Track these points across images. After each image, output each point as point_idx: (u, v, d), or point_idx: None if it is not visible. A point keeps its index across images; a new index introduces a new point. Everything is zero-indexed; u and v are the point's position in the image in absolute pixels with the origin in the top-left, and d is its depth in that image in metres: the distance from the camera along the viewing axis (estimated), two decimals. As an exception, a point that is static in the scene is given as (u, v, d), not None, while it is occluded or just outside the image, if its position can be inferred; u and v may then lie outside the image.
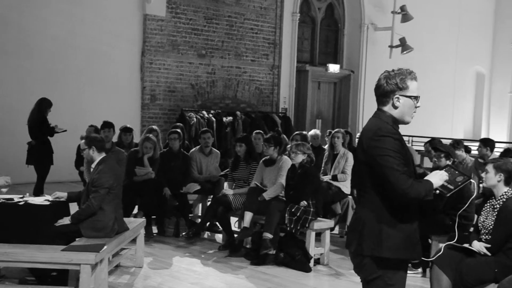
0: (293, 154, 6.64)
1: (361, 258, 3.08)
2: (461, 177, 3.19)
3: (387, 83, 3.12)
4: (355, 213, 3.28)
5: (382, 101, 3.18)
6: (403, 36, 16.03)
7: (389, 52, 16.27)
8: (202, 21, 13.72)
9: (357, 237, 3.07)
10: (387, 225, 3.02)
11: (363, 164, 3.08)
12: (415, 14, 15.94)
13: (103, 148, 5.64)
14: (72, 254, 4.75)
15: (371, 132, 3.06)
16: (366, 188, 3.09)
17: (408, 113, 3.13)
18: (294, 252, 6.42)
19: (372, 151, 3.01)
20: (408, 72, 3.12)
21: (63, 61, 11.84)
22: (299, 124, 15.28)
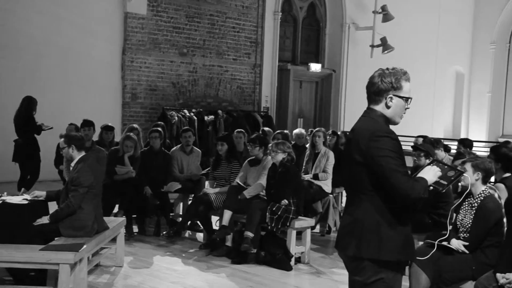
0: (273, 153, 6.65)
1: (360, 262, 3.00)
2: (453, 172, 3.16)
3: (382, 82, 3.05)
4: (348, 215, 3.12)
5: (374, 100, 3.11)
6: (384, 35, 16.13)
7: (370, 51, 16.37)
8: (183, 20, 13.67)
9: (355, 241, 3.00)
10: (387, 227, 2.96)
11: (360, 165, 2.99)
12: (396, 14, 16.05)
13: (82, 147, 5.59)
14: (50, 253, 4.70)
15: (368, 133, 2.98)
16: (363, 190, 3.02)
17: (399, 114, 3.10)
18: (275, 250, 6.44)
19: (371, 152, 2.94)
20: (402, 72, 3.08)
21: (43, 60, 11.71)
22: (280, 123, 15.30)
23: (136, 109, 13.07)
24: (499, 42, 19.56)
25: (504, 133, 19.67)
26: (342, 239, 3.13)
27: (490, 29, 19.45)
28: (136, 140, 8.00)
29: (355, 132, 3.08)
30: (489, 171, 4.73)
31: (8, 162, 9.58)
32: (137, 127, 8.84)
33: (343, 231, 3.14)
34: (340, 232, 3.19)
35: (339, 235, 3.18)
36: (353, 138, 3.08)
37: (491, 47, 19.56)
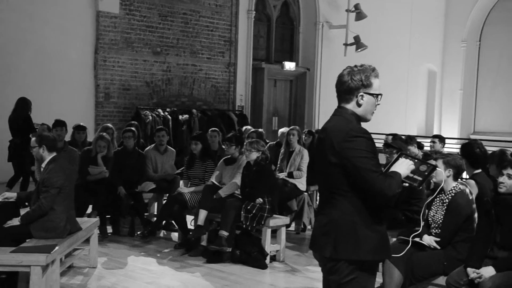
0: (248, 152, 6.66)
1: (336, 262, 2.99)
2: (425, 166, 3.15)
3: (352, 80, 3.03)
4: (323, 215, 3.07)
5: (345, 98, 3.08)
6: (357, 34, 16.23)
7: (344, 50, 16.46)
8: (156, 18, 13.58)
9: (332, 242, 2.97)
10: (363, 227, 2.95)
11: (335, 166, 2.96)
12: (368, 13, 16.16)
13: (54, 148, 5.52)
14: (22, 255, 4.64)
15: (342, 133, 2.95)
16: (338, 190, 2.99)
17: (370, 111, 3.07)
18: (250, 249, 6.44)
19: (346, 152, 2.91)
20: (371, 69, 3.06)
21: (14, 59, 11.52)
22: (255, 121, 15.31)
23: (110, 108, 12.95)
24: (470, 40, 19.85)
25: (476, 130, 19.98)
26: (317, 240, 3.09)
27: (461, 27, 19.72)
28: (109, 140, 7.94)
29: (328, 132, 3.04)
30: (460, 168, 4.80)
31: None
32: (111, 126, 8.77)
33: (319, 231, 3.09)
34: (315, 232, 3.13)
35: (314, 235, 3.13)
36: (325, 138, 3.03)
37: (462, 45, 19.84)
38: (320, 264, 3.17)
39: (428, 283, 4.64)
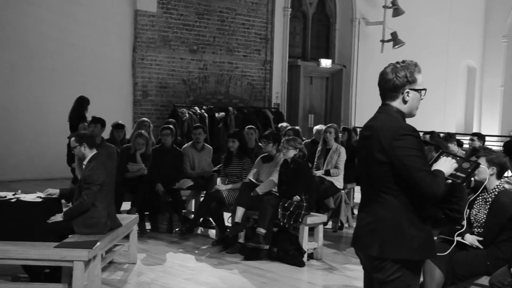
0: (285, 149, 6.64)
1: (382, 261, 2.96)
2: (468, 163, 3.12)
3: (397, 77, 2.99)
4: (367, 213, 3.04)
5: (390, 96, 3.04)
6: (395, 30, 16.05)
7: (380, 46, 16.29)
8: (193, 17, 13.68)
9: (379, 240, 2.95)
10: (410, 226, 2.92)
11: (383, 164, 2.93)
12: (406, 8, 15.97)
13: (94, 145, 5.62)
14: (65, 251, 4.73)
15: (391, 131, 2.92)
16: (384, 188, 2.95)
17: (415, 106, 3.06)
18: (287, 247, 6.43)
19: (395, 151, 2.88)
20: (414, 65, 3.03)
21: (55, 59, 11.78)
22: (291, 119, 15.28)
23: (147, 106, 13.11)
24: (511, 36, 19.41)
25: (517, 127, 19.54)
26: (362, 239, 3.06)
27: (502, 22, 19.30)
28: (148, 138, 8.03)
29: (375, 130, 3.00)
30: (503, 166, 4.70)
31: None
32: (147, 119, 8.88)
33: (363, 230, 3.06)
34: (360, 231, 3.09)
35: (358, 234, 3.10)
36: (372, 136, 3.00)
37: (503, 40, 19.42)
38: (363, 262, 3.16)
39: (470, 283, 4.57)
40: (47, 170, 11.18)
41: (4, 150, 11.04)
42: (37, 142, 11.50)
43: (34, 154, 11.43)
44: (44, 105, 11.69)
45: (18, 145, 11.28)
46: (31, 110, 11.54)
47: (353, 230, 3.24)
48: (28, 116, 11.49)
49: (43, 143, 11.49)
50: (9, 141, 11.18)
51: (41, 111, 11.65)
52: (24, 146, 11.37)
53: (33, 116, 11.55)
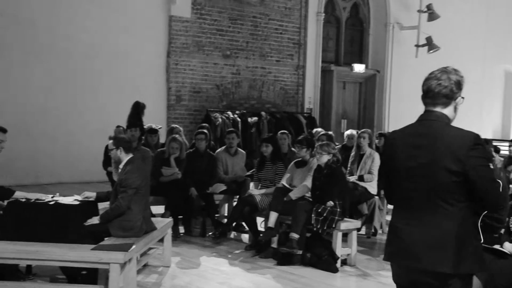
0: (318, 154, 6.62)
1: (450, 278, 2.79)
2: None
3: (454, 83, 2.88)
4: (427, 227, 2.83)
5: (443, 102, 2.89)
6: (430, 35, 15.87)
7: (415, 51, 16.13)
8: (226, 22, 13.76)
9: (452, 256, 2.77)
10: (473, 239, 2.83)
11: (455, 173, 2.78)
12: (441, 13, 15.77)
13: (130, 149, 5.70)
14: (101, 253, 4.80)
15: (465, 140, 2.79)
16: (450, 200, 2.80)
17: (456, 115, 2.97)
18: (320, 252, 6.41)
19: (471, 161, 2.76)
20: (458, 70, 2.93)
21: (91, 64, 11.99)
22: (324, 124, 15.22)
23: (181, 111, 13.23)
24: (550, 40, 18.99)
25: (557, 133, 19.09)
26: (427, 254, 2.82)
27: (540, 26, 18.89)
28: (182, 142, 8.10)
29: (438, 138, 2.84)
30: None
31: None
32: (177, 126, 8.97)
33: (426, 244, 2.83)
34: (420, 246, 2.84)
35: (419, 249, 2.84)
36: (435, 144, 2.83)
37: (542, 44, 19.00)
38: (418, 279, 2.90)
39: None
40: (83, 174, 11.37)
41: (42, 154, 11.27)
42: (73, 146, 11.71)
43: (70, 157, 11.64)
44: (80, 109, 11.90)
45: (55, 149, 11.51)
46: (68, 114, 11.76)
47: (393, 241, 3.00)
48: (65, 120, 11.71)
49: (79, 146, 11.69)
50: (46, 145, 11.41)
51: (77, 115, 11.86)
52: (61, 150, 11.59)
53: (69, 120, 11.77)
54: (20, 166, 10.68)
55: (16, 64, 11.21)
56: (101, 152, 9.15)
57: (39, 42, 11.43)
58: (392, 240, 3.00)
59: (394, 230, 2.99)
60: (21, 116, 10.98)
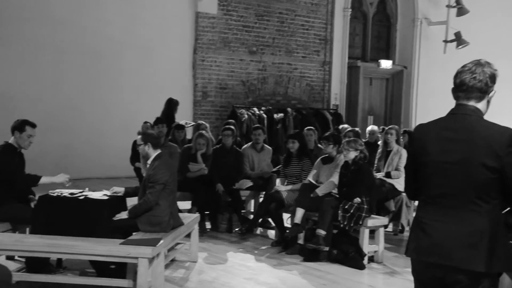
0: (345, 151, 6.59)
1: (482, 276, 2.73)
2: None
3: (489, 77, 2.81)
4: (457, 225, 2.76)
5: (477, 97, 2.81)
6: (459, 30, 15.65)
7: (443, 47, 15.93)
8: (253, 18, 13.77)
9: (485, 255, 2.71)
10: (504, 237, 2.78)
11: (492, 170, 2.70)
12: (471, 7, 15.54)
13: (158, 145, 5.74)
14: (130, 247, 4.85)
15: (505, 136, 2.71)
16: (485, 197, 2.73)
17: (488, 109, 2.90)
18: (347, 249, 6.39)
19: (510, 157, 2.68)
20: (492, 63, 2.86)
21: (117, 59, 12.11)
22: (350, 120, 15.15)
23: (207, 107, 13.29)
24: None
25: None
26: (459, 251, 2.75)
27: None
28: (209, 138, 8.13)
29: (475, 133, 2.76)
30: None
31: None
32: (203, 122, 9.02)
33: (458, 242, 2.75)
34: (452, 243, 2.77)
35: (451, 246, 2.77)
36: (471, 140, 2.76)
37: None
38: (447, 277, 2.81)
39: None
40: (110, 169, 11.50)
41: (70, 149, 11.44)
42: (101, 142, 11.85)
43: (98, 153, 11.78)
44: (107, 105, 12.04)
45: (83, 145, 11.66)
46: (96, 110, 11.90)
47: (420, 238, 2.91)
48: (93, 116, 11.86)
49: (106, 142, 11.83)
50: (75, 141, 11.57)
51: (105, 111, 12.00)
52: (88, 146, 11.74)
53: (97, 116, 11.91)
54: (49, 161, 10.83)
55: (47, 62, 11.38)
56: (127, 148, 9.24)
57: (69, 40, 11.58)
58: (418, 236, 2.91)
59: (420, 226, 2.90)
60: (51, 112, 11.14)
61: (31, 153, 6.19)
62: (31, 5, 11.15)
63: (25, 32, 11.14)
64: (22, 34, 11.11)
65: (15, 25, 11.04)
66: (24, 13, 11.09)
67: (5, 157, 5.60)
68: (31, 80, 11.25)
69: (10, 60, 11.03)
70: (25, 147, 5.78)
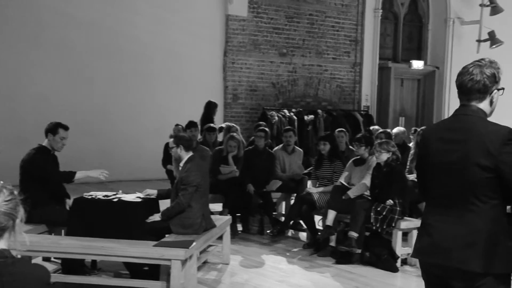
0: (378, 152, 6.53)
1: (482, 277, 2.71)
2: None
3: (487, 77, 2.80)
4: (457, 225, 2.76)
5: (477, 97, 2.81)
6: (492, 29, 15.39)
7: (476, 46, 15.68)
8: (283, 20, 13.77)
9: (481, 254, 2.70)
10: (506, 238, 2.73)
11: (487, 170, 2.71)
12: (505, 6, 15.26)
13: (190, 147, 5.78)
14: (163, 249, 4.88)
15: (499, 135, 2.70)
16: (480, 196, 2.73)
17: (495, 107, 2.88)
18: (380, 251, 6.33)
19: (504, 157, 2.68)
20: (496, 62, 2.85)
21: (148, 63, 12.23)
22: (381, 122, 15.02)
23: (237, 109, 13.33)
24: None
25: None
26: (456, 251, 2.75)
27: None
28: (240, 140, 8.15)
29: (472, 133, 2.78)
30: None
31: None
32: (234, 125, 9.05)
33: (456, 242, 2.76)
34: (450, 243, 2.77)
35: (449, 246, 2.77)
36: (469, 140, 2.76)
37: None
38: (451, 277, 2.80)
39: None
40: (141, 172, 11.62)
41: (102, 152, 11.58)
42: (132, 144, 11.98)
43: (129, 155, 11.91)
44: (138, 108, 12.17)
45: (115, 147, 11.81)
46: (127, 113, 12.04)
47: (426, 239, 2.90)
48: (124, 119, 12.00)
49: (137, 145, 11.96)
50: (106, 143, 11.72)
51: (136, 114, 12.13)
52: (121, 148, 11.88)
53: (129, 119, 12.05)
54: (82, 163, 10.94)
55: (80, 64, 11.56)
56: (158, 150, 9.33)
57: (101, 43, 11.75)
58: (421, 237, 2.95)
59: (424, 226, 2.93)
60: (83, 115, 11.31)
61: (65, 156, 6.28)
62: (66, 10, 11.34)
63: (60, 36, 11.34)
64: (57, 38, 11.33)
65: (51, 30, 11.25)
66: (59, 18, 11.29)
67: (39, 158, 5.70)
68: (65, 83, 11.45)
69: (46, 63, 11.25)
70: (58, 149, 5.87)
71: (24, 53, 11.04)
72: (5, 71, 10.92)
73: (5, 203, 2.02)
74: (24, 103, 11.05)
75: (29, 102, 11.07)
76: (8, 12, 10.93)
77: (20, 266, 2.07)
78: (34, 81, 11.14)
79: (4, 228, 2.01)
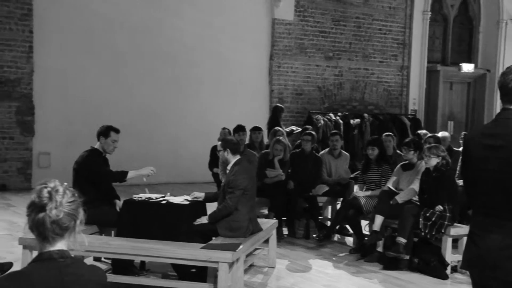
0: (427, 157, 6.42)
1: None
2: None
3: None
4: (501, 235, 2.64)
5: None
6: (546, 31, 14.95)
7: (529, 49, 15.26)
8: (329, 24, 13.70)
9: None
10: None
11: None
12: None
13: (237, 151, 5.81)
14: (210, 252, 4.92)
15: None
16: None
17: None
18: (429, 258, 6.21)
19: None
20: None
21: (194, 66, 12.36)
22: (429, 126, 14.75)
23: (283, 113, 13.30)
24: None
25: None
26: (502, 262, 2.64)
27: None
28: (286, 144, 8.15)
29: None
30: None
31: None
32: (280, 129, 9.07)
33: (502, 252, 2.64)
34: (495, 254, 2.66)
35: (495, 257, 2.66)
36: (509, 146, 2.62)
37: None
38: (491, 286, 2.74)
39: None
40: (187, 174, 11.76)
41: (148, 154, 11.74)
42: (177, 147, 12.13)
43: (176, 158, 12.06)
44: (184, 112, 12.31)
45: (160, 150, 11.97)
46: (174, 116, 12.20)
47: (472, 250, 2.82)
48: (171, 122, 12.16)
49: (183, 148, 12.10)
50: (152, 146, 11.90)
51: (181, 117, 12.27)
52: (167, 151, 12.04)
53: (174, 122, 12.20)
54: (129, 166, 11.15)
55: (125, 68, 11.78)
56: (204, 153, 9.41)
57: (148, 48, 11.94)
58: (469, 246, 2.84)
59: (471, 235, 2.83)
60: (128, 118, 11.50)
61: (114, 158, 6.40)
62: (114, 17, 11.57)
63: (109, 41, 11.59)
64: (106, 44, 11.57)
65: (101, 36, 11.51)
66: (108, 24, 11.53)
67: (92, 160, 5.83)
68: (114, 87, 11.68)
69: (96, 68, 11.51)
70: (109, 152, 5.99)
71: (76, 59, 11.32)
72: (59, 76, 11.21)
73: (69, 204, 2.09)
74: (75, 107, 11.33)
75: (79, 106, 11.34)
76: (60, 22, 11.21)
77: (79, 267, 2.13)
78: (85, 85, 11.41)
79: (67, 228, 2.07)
